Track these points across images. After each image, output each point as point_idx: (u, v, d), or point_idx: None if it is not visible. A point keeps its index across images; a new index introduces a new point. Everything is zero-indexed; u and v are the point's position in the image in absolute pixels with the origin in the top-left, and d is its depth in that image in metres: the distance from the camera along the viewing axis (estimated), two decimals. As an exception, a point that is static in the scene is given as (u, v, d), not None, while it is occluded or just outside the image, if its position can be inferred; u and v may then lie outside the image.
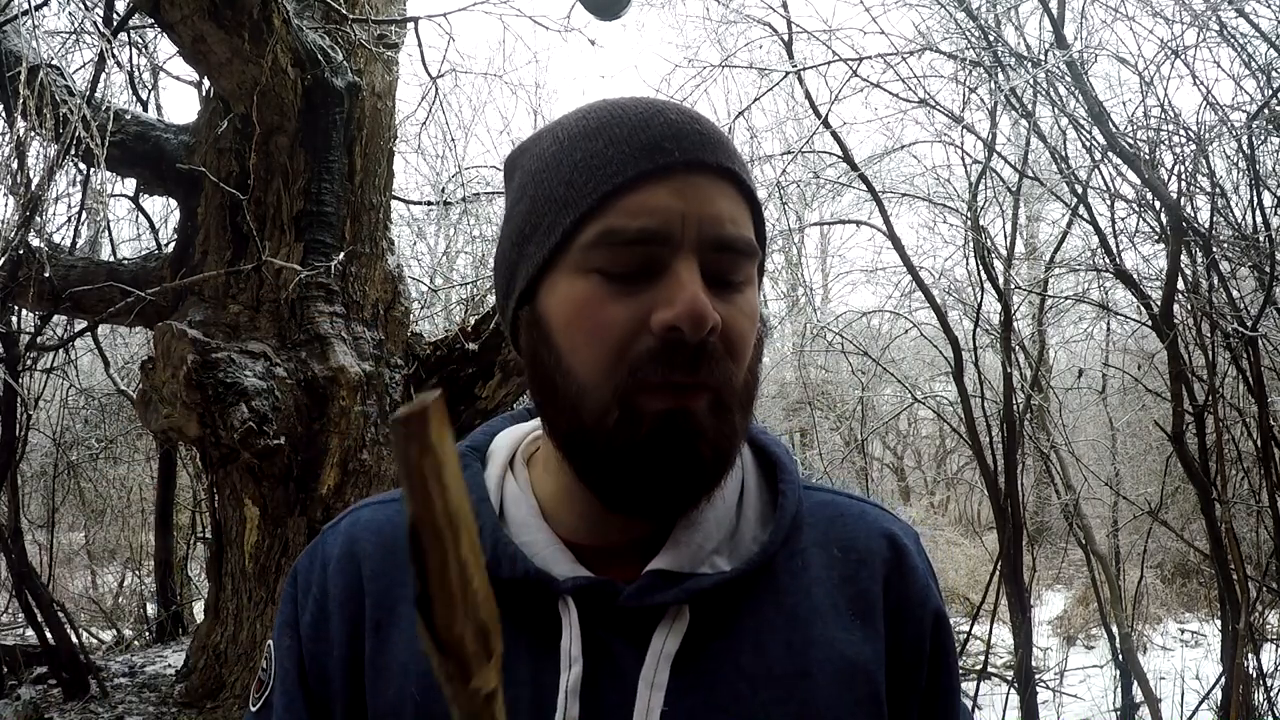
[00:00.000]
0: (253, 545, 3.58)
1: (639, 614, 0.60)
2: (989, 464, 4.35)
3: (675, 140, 0.58)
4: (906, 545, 0.70)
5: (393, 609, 0.65)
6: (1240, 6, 3.30)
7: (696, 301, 0.55)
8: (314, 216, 3.59)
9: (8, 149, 3.23)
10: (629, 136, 0.58)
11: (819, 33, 4.10)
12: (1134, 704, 4.52)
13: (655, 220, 0.56)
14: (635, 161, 0.57)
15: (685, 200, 0.57)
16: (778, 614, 0.63)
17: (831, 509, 0.70)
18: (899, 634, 0.66)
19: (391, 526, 0.69)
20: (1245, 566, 3.49)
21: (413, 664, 0.62)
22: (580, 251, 0.58)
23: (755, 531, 0.66)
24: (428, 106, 4.73)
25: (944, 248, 6.36)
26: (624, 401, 0.57)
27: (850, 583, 0.66)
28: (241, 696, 3.47)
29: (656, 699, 0.58)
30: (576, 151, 0.60)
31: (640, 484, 0.58)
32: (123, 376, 5.34)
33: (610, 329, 0.57)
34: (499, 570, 0.61)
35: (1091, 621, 6.87)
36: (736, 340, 0.59)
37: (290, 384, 3.33)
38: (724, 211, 0.58)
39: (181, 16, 3.21)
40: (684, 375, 0.56)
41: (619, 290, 0.57)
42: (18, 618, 5.14)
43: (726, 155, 0.60)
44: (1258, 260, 3.39)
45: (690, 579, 0.61)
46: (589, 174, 0.58)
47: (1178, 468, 3.87)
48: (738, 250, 0.59)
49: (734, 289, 0.59)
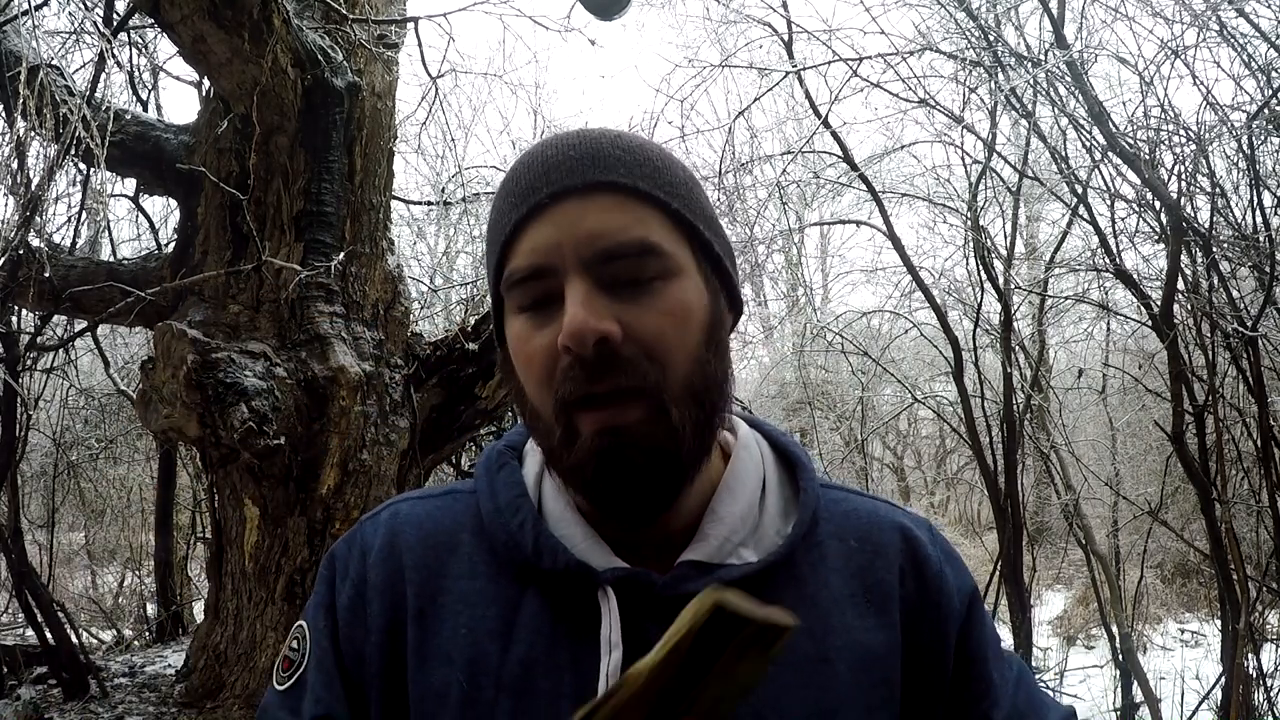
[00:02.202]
0: (253, 545, 3.58)
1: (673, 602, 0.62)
2: (989, 464, 4.35)
3: (545, 177, 0.64)
4: (918, 536, 0.73)
5: (434, 599, 0.68)
6: (1240, 6, 3.30)
7: (574, 321, 0.59)
8: (314, 216, 3.58)
9: (8, 149, 3.23)
10: (514, 187, 0.66)
11: (819, 33, 4.10)
12: (1134, 704, 4.52)
13: (538, 256, 0.63)
14: (515, 209, 0.64)
15: (559, 229, 0.62)
16: (799, 602, 0.66)
17: (845, 505, 0.74)
18: (917, 622, 0.70)
19: (432, 522, 0.72)
20: (1245, 566, 3.49)
21: (457, 653, 0.65)
22: (506, 297, 0.66)
23: (777, 525, 0.70)
24: (428, 106, 4.74)
25: (944, 248, 6.36)
26: (562, 420, 0.62)
27: (866, 573, 0.70)
28: (241, 696, 3.47)
29: None
30: (493, 211, 0.68)
31: (595, 497, 0.64)
32: (123, 376, 5.34)
33: (536, 356, 0.63)
34: (541, 562, 0.66)
35: (1091, 621, 6.87)
36: (651, 340, 0.61)
37: (290, 384, 3.33)
38: (599, 226, 0.62)
39: (181, 16, 3.21)
40: (594, 384, 0.60)
41: (537, 322, 0.63)
42: (18, 618, 5.14)
43: (602, 169, 0.63)
44: (1258, 260, 3.39)
45: (720, 569, 0.65)
46: (495, 230, 0.67)
47: (1178, 468, 3.87)
48: (625, 254, 0.62)
49: (642, 289, 0.62)
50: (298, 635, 0.73)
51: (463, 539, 0.71)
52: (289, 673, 0.71)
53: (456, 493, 0.75)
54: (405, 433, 3.74)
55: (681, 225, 0.65)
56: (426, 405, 3.90)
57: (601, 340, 0.59)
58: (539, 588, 0.66)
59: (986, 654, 0.72)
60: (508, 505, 0.70)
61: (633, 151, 0.65)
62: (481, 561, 0.69)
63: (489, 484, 0.73)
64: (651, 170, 0.65)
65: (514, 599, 0.67)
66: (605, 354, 0.60)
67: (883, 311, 6.34)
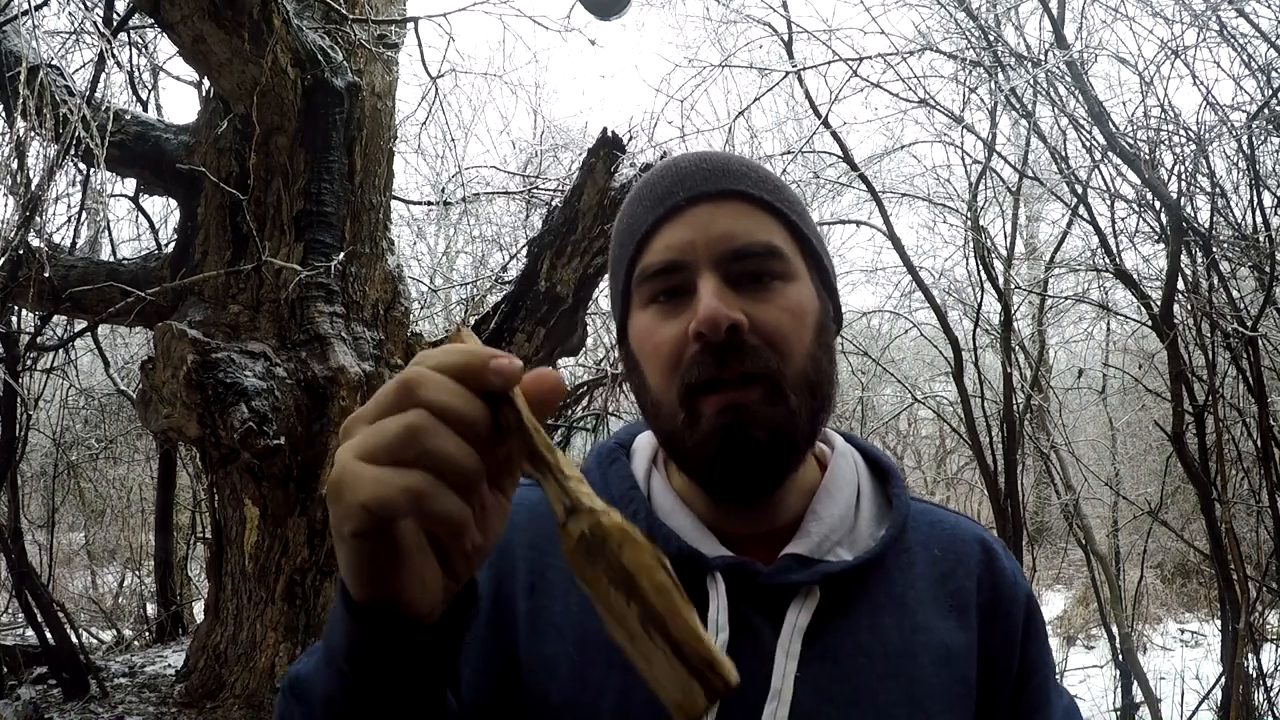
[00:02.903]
0: (253, 545, 3.58)
1: (776, 591, 0.69)
2: (989, 464, 4.35)
3: (681, 184, 0.71)
4: (996, 549, 0.80)
5: (544, 574, 0.73)
6: (1240, 6, 3.29)
7: (708, 309, 0.65)
8: (314, 216, 3.58)
9: (8, 149, 3.23)
10: (649, 194, 0.73)
11: (819, 33, 4.10)
12: (1134, 704, 4.51)
13: (672, 252, 0.70)
14: (652, 210, 0.72)
15: (693, 229, 0.69)
16: (889, 601, 0.72)
17: (931, 516, 0.81)
18: (991, 626, 0.75)
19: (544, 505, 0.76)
20: (1245, 566, 3.48)
21: (568, 627, 0.70)
22: (635, 292, 0.73)
23: (871, 529, 0.75)
24: (428, 106, 4.74)
25: (944, 248, 6.36)
26: (686, 404, 0.68)
27: (948, 579, 0.76)
28: (241, 696, 3.48)
29: (791, 665, 0.67)
30: (624, 218, 0.76)
31: (714, 471, 0.68)
32: (123, 376, 5.34)
33: (665, 344, 0.69)
34: None
35: (1091, 621, 6.87)
36: (772, 331, 0.68)
37: (290, 384, 3.33)
38: (730, 228, 0.69)
39: (181, 16, 3.21)
40: (722, 370, 0.66)
41: (667, 313, 0.70)
42: (18, 618, 5.14)
43: (731, 180, 0.71)
44: (1258, 260, 3.39)
45: (820, 563, 0.71)
46: (629, 232, 0.74)
47: (1178, 468, 3.87)
48: (753, 253, 0.69)
49: (764, 287, 0.69)
50: None
51: None
52: None
53: None
54: (405, 433, 3.74)
55: (798, 237, 0.72)
56: (426, 405, 3.90)
57: (732, 327, 0.65)
58: None
59: (1047, 672, 0.78)
60: (621, 496, 0.76)
61: (757, 169, 0.74)
62: None
63: (602, 476, 0.79)
64: (773, 186, 0.73)
65: None
66: (734, 341, 0.66)
67: (883, 311, 6.34)
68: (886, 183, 5.15)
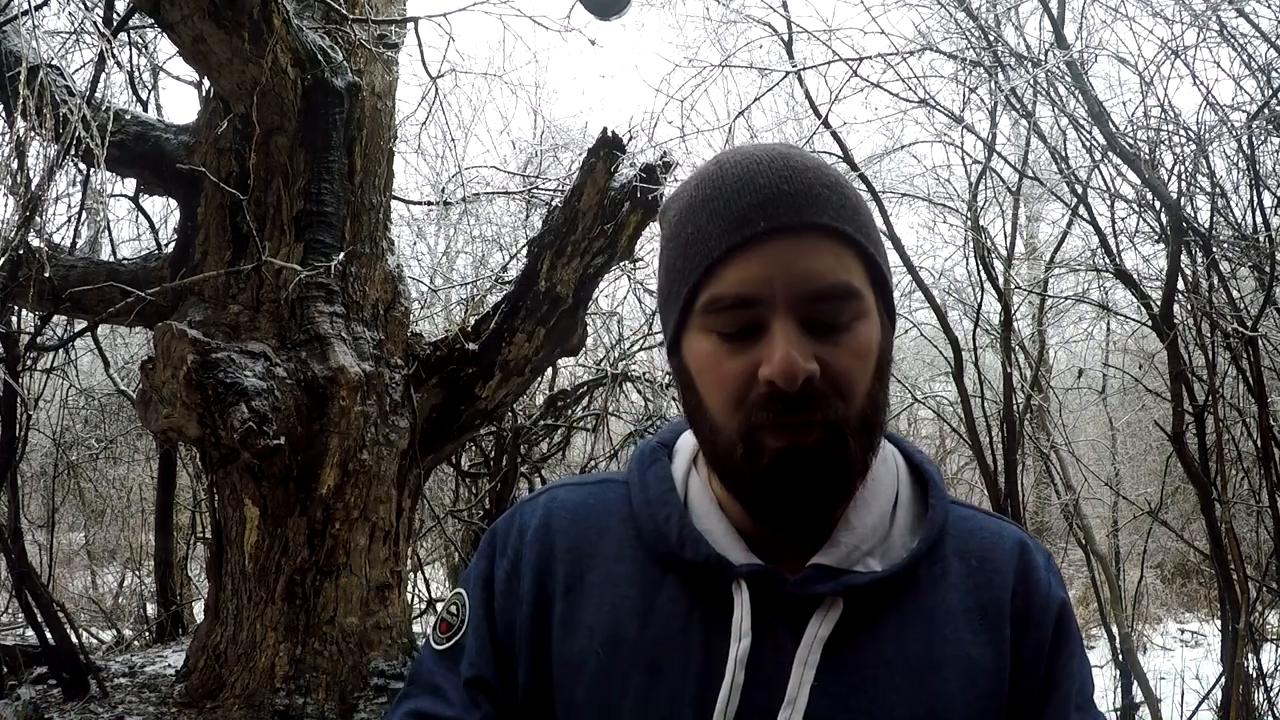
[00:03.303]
0: (253, 545, 3.58)
1: (800, 601, 0.69)
2: (989, 464, 4.35)
3: (761, 209, 0.66)
4: (1034, 557, 0.78)
5: (582, 577, 0.75)
6: (1240, 6, 3.29)
7: (786, 360, 0.63)
8: (314, 216, 3.58)
9: (8, 149, 3.23)
10: (724, 209, 0.67)
11: (819, 33, 4.09)
12: (1134, 704, 4.52)
13: (748, 287, 0.65)
14: (727, 236, 0.66)
15: (771, 266, 0.65)
16: (917, 613, 0.72)
17: (972, 523, 0.79)
18: (1023, 638, 0.74)
19: (585, 508, 0.79)
20: (1245, 566, 3.48)
21: (599, 627, 0.72)
22: (698, 315, 0.68)
23: (905, 539, 0.74)
24: (428, 106, 4.74)
25: (944, 248, 6.36)
26: (747, 438, 0.66)
27: (983, 591, 0.74)
28: (241, 696, 3.47)
29: (808, 675, 0.67)
30: (688, 225, 0.69)
31: (766, 507, 0.68)
32: (123, 376, 5.34)
33: (728, 380, 0.67)
34: (684, 552, 0.71)
35: (1091, 621, 6.86)
36: (842, 378, 0.66)
37: (290, 384, 3.33)
38: (812, 267, 0.65)
39: (181, 16, 3.21)
40: (790, 418, 0.65)
41: (732, 347, 0.67)
42: (18, 618, 5.14)
43: (815, 209, 0.66)
44: (1258, 260, 3.39)
45: (846, 575, 0.70)
46: (696, 248, 0.68)
47: (1178, 468, 3.87)
48: (834, 297, 0.66)
49: (839, 330, 0.66)
50: (456, 602, 0.80)
51: (612, 524, 0.77)
52: (447, 635, 0.78)
53: (610, 482, 0.82)
54: (405, 433, 3.74)
55: (871, 267, 0.69)
56: (426, 405, 3.90)
57: (806, 380, 0.63)
58: (679, 575, 0.72)
59: (1070, 691, 0.74)
60: (658, 498, 0.75)
61: (837, 190, 0.68)
62: (629, 546, 0.75)
63: (641, 477, 0.78)
64: (853, 212, 0.68)
65: (655, 583, 0.72)
66: (810, 389, 0.64)
67: (883, 311, 6.32)
68: (886, 183, 5.15)
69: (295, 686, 3.43)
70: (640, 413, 5.57)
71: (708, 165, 0.72)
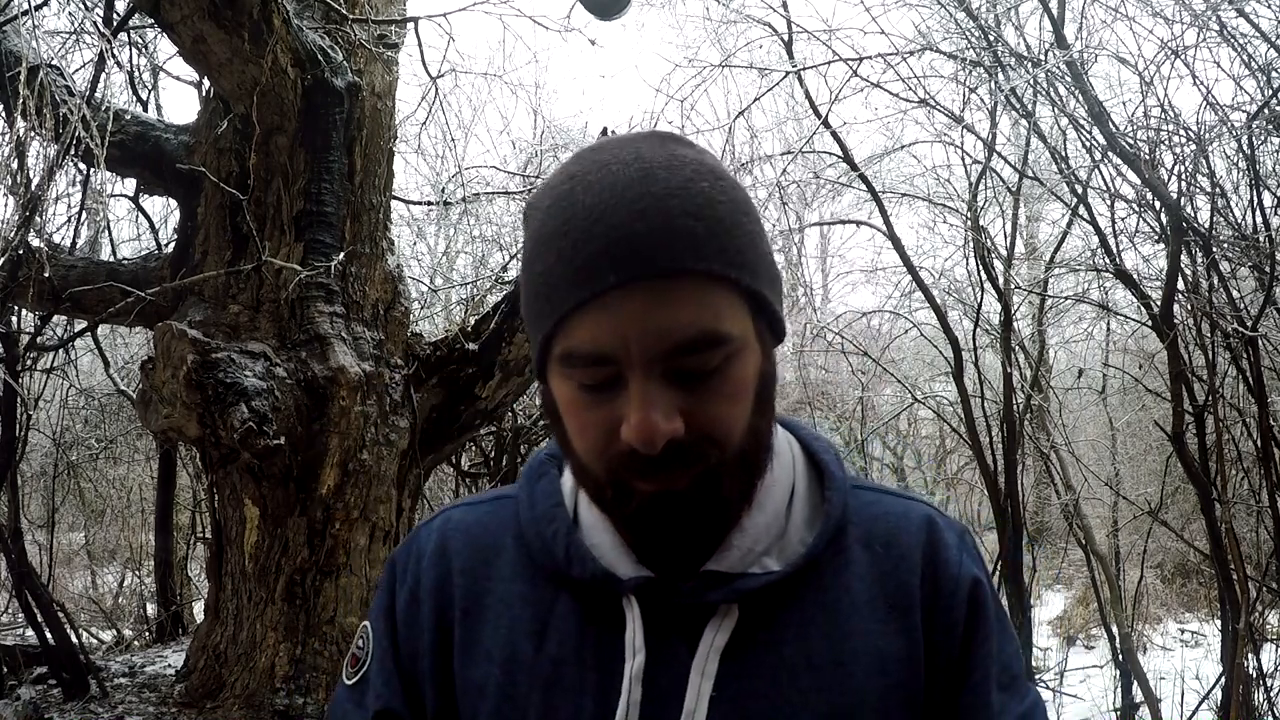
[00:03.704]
0: (253, 545, 3.58)
1: (694, 610, 0.67)
2: (989, 464, 4.35)
3: (611, 259, 0.58)
4: (943, 535, 0.75)
5: (479, 600, 0.73)
6: (1240, 6, 3.29)
7: (643, 427, 0.59)
8: (314, 216, 3.58)
9: (8, 149, 3.23)
10: (572, 253, 0.59)
11: (819, 33, 4.10)
12: (1134, 704, 4.51)
13: (601, 345, 0.60)
14: (575, 290, 0.59)
15: (625, 323, 0.59)
16: (819, 609, 0.69)
17: (877, 508, 0.75)
18: (933, 621, 0.71)
19: (480, 527, 0.77)
20: (1245, 566, 3.48)
21: (496, 650, 0.70)
22: (555, 361, 0.64)
23: (802, 534, 0.71)
24: (428, 106, 4.73)
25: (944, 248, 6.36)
26: (615, 481, 0.64)
27: (889, 578, 0.72)
28: (241, 696, 3.47)
29: (706, 685, 0.65)
30: (539, 260, 0.62)
31: (640, 545, 0.67)
32: (123, 376, 5.34)
33: (590, 430, 0.64)
34: (571, 569, 0.70)
35: (1091, 621, 6.87)
36: (714, 426, 0.62)
37: (290, 384, 3.33)
38: (671, 321, 0.59)
39: (181, 16, 3.21)
40: (655, 475, 0.62)
41: (592, 399, 0.62)
42: (18, 618, 5.14)
43: (674, 253, 0.59)
44: (1258, 260, 3.39)
45: (740, 579, 0.67)
46: (546, 294, 0.62)
47: (1178, 468, 3.87)
48: (699, 348, 0.60)
49: (708, 376, 0.61)
50: (363, 635, 0.79)
51: (506, 543, 0.75)
52: (355, 669, 0.78)
53: (504, 498, 0.79)
54: (405, 433, 3.74)
55: (748, 296, 0.63)
56: (426, 405, 3.90)
57: (670, 437, 0.60)
58: (570, 593, 0.70)
59: (990, 671, 0.72)
60: (544, 514, 0.73)
61: (705, 215, 0.60)
62: (521, 565, 0.73)
63: (529, 493, 0.76)
64: (724, 240, 0.61)
65: (548, 601, 0.71)
66: (671, 450, 0.60)
67: (883, 311, 6.33)
68: (886, 183, 5.15)
69: (295, 686, 3.43)
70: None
71: (566, 173, 0.64)
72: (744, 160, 4.76)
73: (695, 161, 0.63)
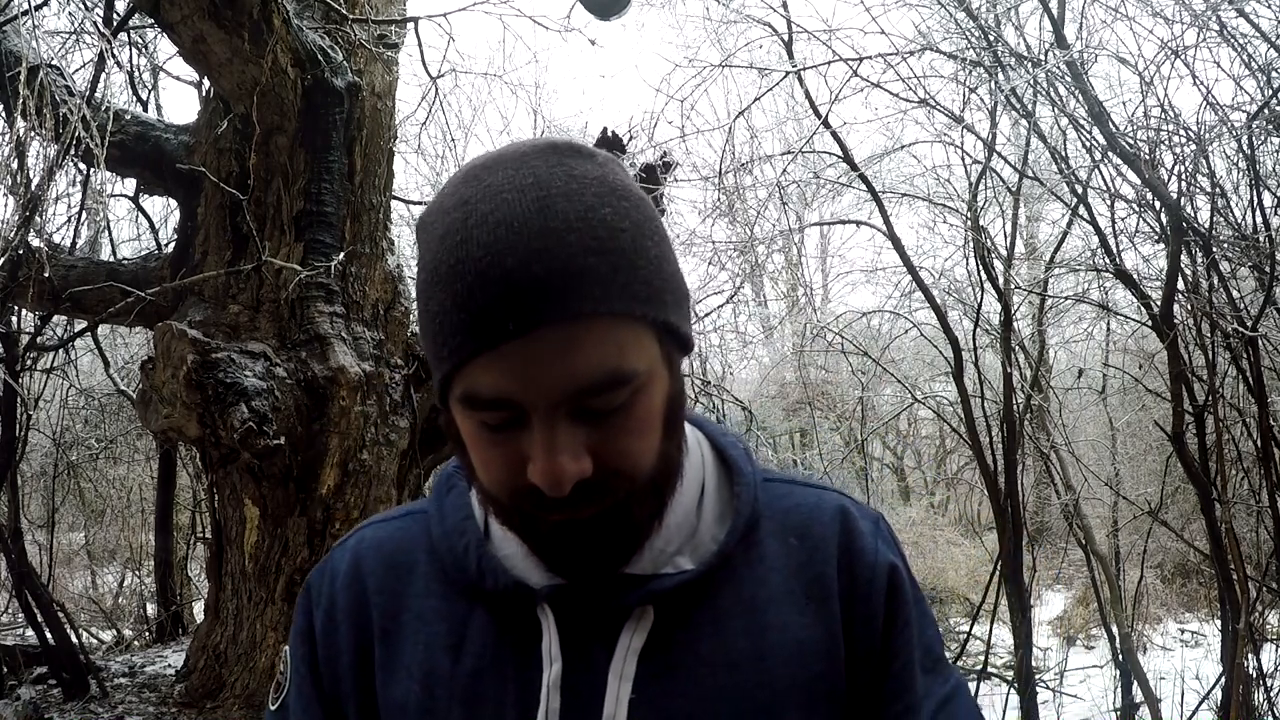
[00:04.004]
0: (253, 545, 3.58)
1: (609, 614, 0.67)
2: (989, 464, 4.34)
3: (508, 307, 0.55)
4: (857, 523, 0.74)
5: (396, 617, 0.72)
6: (1240, 6, 3.29)
7: (549, 471, 0.58)
8: (314, 216, 3.58)
9: (8, 149, 3.23)
10: (467, 298, 0.56)
11: (819, 33, 4.09)
12: (1134, 704, 4.51)
13: (502, 391, 0.58)
14: (472, 337, 0.57)
15: (525, 370, 0.57)
16: (736, 604, 0.69)
17: (789, 500, 0.75)
18: (852, 609, 0.71)
19: (393, 543, 0.76)
20: (1245, 566, 3.48)
21: (415, 666, 0.70)
22: (455, 400, 0.61)
23: (714, 531, 0.71)
24: (428, 106, 4.74)
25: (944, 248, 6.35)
26: (521, 511, 0.63)
27: (805, 569, 0.72)
28: (241, 696, 3.47)
29: (625, 688, 0.65)
30: (433, 297, 0.59)
31: (550, 567, 0.67)
32: (123, 376, 5.34)
33: (493, 466, 0.62)
34: (484, 582, 0.69)
35: (1091, 621, 6.87)
36: (618, 461, 0.61)
37: (290, 384, 3.33)
38: (575, 365, 0.57)
39: (181, 16, 3.21)
40: (561, 510, 0.61)
41: (495, 438, 0.61)
42: (18, 618, 5.14)
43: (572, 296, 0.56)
44: (1258, 260, 3.39)
45: (653, 580, 0.67)
46: (443, 337, 0.59)
47: (1178, 468, 3.87)
48: (603, 389, 0.58)
49: (615, 413, 0.60)
50: (284, 660, 0.78)
51: (419, 559, 0.74)
52: (277, 695, 0.77)
53: (415, 513, 0.78)
54: (405, 433, 3.74)
55: (655, 326, 0.61)
56: (426, 405, 3.91)
57: (578, 477, 0.59)
58: (485, 605, 0.70)
59: (913, 656, 0.72)
60: (455, 528, 0.72)
61: (607, 252, 0.57)
62: (435, 580, 0.73)
63: (438, 507, 0.75)
64: (628, 275, 0.58)
65: (464, 615, 0.70)
66: (577, 487, 0.60)
67: (883, 311, 6.33)
68: (886, 183, 5.14)
69: (295, 686, 3.43)
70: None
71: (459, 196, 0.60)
72: (744, 160, 4.76)
73: (596, 180, 0.60)
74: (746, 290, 9.70)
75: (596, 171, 0.61)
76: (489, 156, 0.62)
